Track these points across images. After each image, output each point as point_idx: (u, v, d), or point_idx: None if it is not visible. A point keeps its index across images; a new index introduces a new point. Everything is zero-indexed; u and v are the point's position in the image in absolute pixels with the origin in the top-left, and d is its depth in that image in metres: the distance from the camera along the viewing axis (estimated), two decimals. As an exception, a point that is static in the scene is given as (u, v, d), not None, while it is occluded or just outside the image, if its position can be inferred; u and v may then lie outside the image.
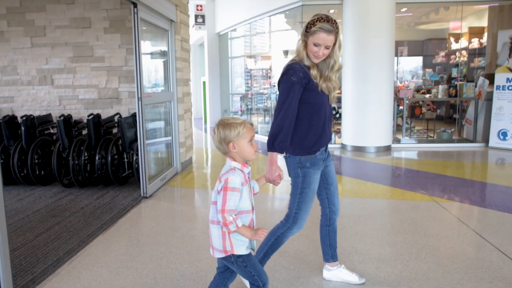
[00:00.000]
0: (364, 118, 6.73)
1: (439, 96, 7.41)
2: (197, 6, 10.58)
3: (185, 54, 5.54)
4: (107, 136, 4.70)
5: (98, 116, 4.71)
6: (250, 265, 1.76)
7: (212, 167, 6.23)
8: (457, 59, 10.16)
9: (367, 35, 6.61)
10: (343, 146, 7.16)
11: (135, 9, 3.96)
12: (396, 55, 11.47)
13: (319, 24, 1.96)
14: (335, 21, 1.99)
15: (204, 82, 11.65)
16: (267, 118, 9.48)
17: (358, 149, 6.82)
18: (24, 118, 4.59)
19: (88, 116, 4.58)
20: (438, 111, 10.66)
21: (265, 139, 8.57)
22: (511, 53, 6.72)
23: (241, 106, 10.66)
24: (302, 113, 2.07)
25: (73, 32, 5.33)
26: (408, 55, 11.60)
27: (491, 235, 3.11)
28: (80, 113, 5.45)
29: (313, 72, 2.04)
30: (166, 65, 5.16)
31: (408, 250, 2.86)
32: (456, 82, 8.03)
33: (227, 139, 1.68)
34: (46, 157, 4.78)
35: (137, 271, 2.60)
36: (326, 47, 1.99)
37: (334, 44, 2.02)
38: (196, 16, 10.64)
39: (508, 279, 2.42)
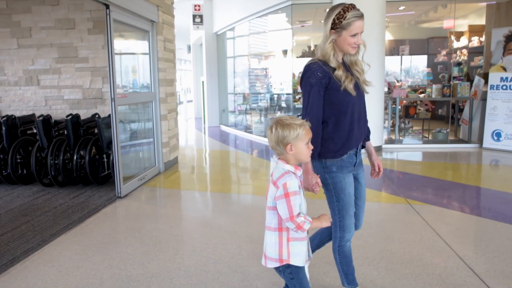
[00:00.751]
0: (354, 118, 6.63)
1: (433, 96, 7.27)
2: (195, 6, 10.61)
3: (168, 55, 5.55)
4: (87, 136, 4.75)
5: (77, 116, 4.77)
6: (296, 279, 1.69)
7: (199, 168, 6.23)
8: (457, 58, 9.97)
9: (356, 34, 6.50)
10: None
11: (108, 10, 3.99)
12: (398, 54, 11.37)
13: (350, 13, 1.87)
14: (354, 5, 1.93)
15: (203, 82, 11.67)
16: (262, 118, 9.45)
17: (348, 150, 6.73)
18: (5, 118, 4.67)
19: (67, 116, 4.63)
20: (440, 110, 10.49)
21: (259, 139, 8.54)
22: (505, 51, 6.54)
23: (239, 106, 10.65)
24: (328, 114, 1.95)
25: (58, 33, 5.40)
26: (410, 54, 11.44)
27: (455, 240, 3.03)
28: (66, 113, 5.50)
29: (338, 73, 1.92)
30: (147, 65, 5.18)
31: (364, 254, 2.81)
32: (456, 81, 7.85)
33: (285, 141, 1.61)
34: (29, 156, 4.85)
35: (86, 271, 2.62)
36: (361, 33, 1.93)
37: None
38: (194, 16, 10.67)
39: (457, 286, 2.35)
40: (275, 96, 9.46)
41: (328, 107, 1.95)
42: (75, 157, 4.54)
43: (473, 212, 3.73)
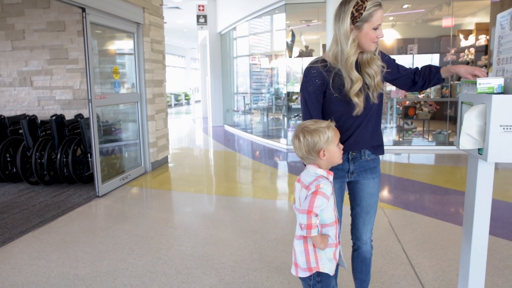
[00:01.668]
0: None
1: (431, 96, 7.08)
2: (199, 6, 10.70)
3: (156, 56, 5.62)
4: (72, 136, 4.87)
5: (61, 116, 4.90)
6: None
7: (189, 168, 6.28)
8: (465, 56, 9.66)
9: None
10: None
11: (84, 13, 4.08)
12: (406, 52, 11.13)
13: (370, 2, 1.60)
14: None
15: (208, 81, 11.74)
16: (264, 118, 9.42)
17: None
18: (-7, 118, 4.85)
19: (51, 116, 4.76)
20: (449, 111, 10.19)
21: (259, 140, 8.53)
22: (504, 51, 6.28)
23: (246, 106, 10.65)
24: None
25: (49, 35, 5.55)
26: (419, 53, 11.18)
27: (414, 246, 2.95)
28: (58, 113, 5.66)
29: (354, 88, 1.68)
30: (132, 66, 5.27)
31: (315, 259, 2.78)
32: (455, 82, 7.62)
33: (317, 147, 1.51)
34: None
35: (37, 269, 2.69)
36: None
37: None
38: (198, 16, 10.77)
39: (396, 295, 2.30)
40: (275, 96, 9.43)
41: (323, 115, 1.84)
42: (58, 157, 4.67)
43: (445, 218, 3.62)
